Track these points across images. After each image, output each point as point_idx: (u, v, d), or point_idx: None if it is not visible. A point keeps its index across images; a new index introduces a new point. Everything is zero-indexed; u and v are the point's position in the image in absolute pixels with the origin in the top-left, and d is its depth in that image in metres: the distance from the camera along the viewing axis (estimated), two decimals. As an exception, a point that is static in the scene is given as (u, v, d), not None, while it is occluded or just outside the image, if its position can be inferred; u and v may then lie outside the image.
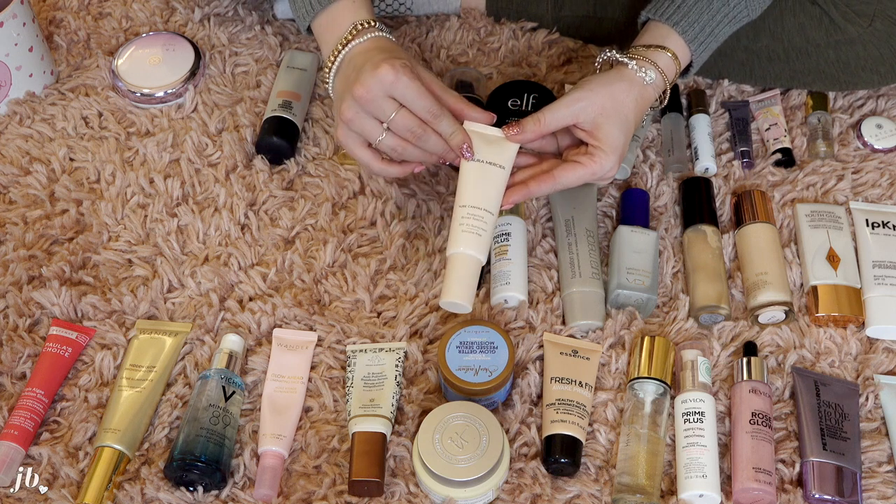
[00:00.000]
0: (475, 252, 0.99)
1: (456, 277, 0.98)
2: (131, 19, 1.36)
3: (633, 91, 1.04)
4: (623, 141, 1.04)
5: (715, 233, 1.13)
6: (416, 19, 1.36)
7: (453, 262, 0.99)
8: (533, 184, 1.04)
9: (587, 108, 1.02)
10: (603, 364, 1.05)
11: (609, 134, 1.03)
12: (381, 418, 1.00)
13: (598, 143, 1.03)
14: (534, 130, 1.03)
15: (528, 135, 1.03)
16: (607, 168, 1.03)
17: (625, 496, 0.96)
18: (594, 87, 1.03)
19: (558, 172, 1.03)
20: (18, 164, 1.21)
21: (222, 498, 0.98)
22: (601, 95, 1.03)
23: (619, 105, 1.03)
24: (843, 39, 1.19)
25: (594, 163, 1.03)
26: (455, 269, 0.98)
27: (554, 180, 1.03)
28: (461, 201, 1.01)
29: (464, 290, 0.98)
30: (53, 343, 1.05)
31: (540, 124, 1.03)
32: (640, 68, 1.05)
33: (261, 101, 1.27)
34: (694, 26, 1.06)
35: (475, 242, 0.99)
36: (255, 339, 1.08)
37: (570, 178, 1.04)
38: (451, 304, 0.98)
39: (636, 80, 1.05)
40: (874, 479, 0.99)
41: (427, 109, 0.99)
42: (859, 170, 1.21)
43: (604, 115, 1.02)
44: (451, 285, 0.98)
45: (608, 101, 1.03)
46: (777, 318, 1.08)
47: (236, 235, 1.15)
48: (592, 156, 1.03)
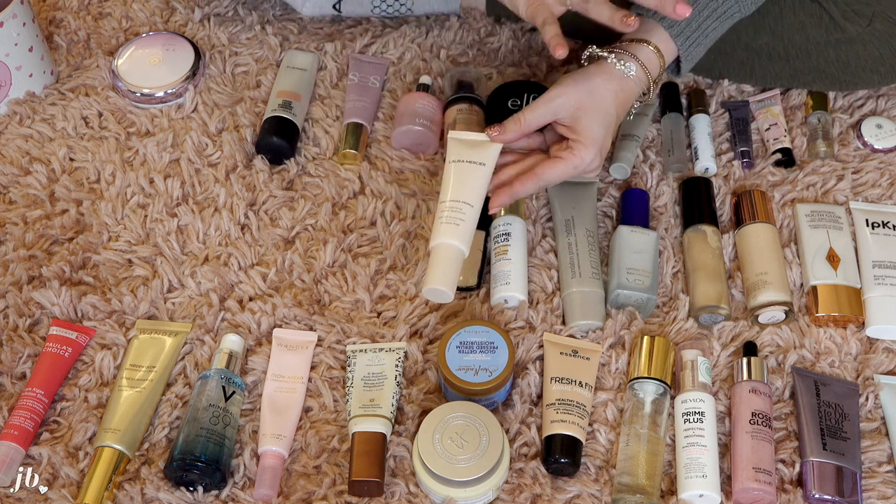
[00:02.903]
0: (454, 241, 1.00)
1: (436, 266, 1.00)
2: (131, 19, 1.36)
3: (612, 84, 1.06)
4: (603, 133, 1.05)
5: (715, 233, 1.13)
6: (416, 19, 1.36)
7: (434, 252, 1.01)
8: (517, 184, 1.06)
9: (565, 104, 1.04)
10: (603, 364, 1.05)
11: (587, 127, 1.04)
12: (381, 418, 1.00)
13: (578, 136, 1.05)
14: (515, 130, 1.05)
15: (509, 135, 1.05)
16: (588, 160, 1.05)
17: (625, 496, 0.96)
18: (571, 82, 1.06)
19: (540, 170, 1.05)
20: (18, 164, 1.21)
21: (222, 498, 0.98)
22: (578, 90, 1.05)
23: (597, 98, 1.05)
24: (843, 38, 1.19)
25: (574, 156, 1.05)
26: (435, 259, 1.00)
27: (537, 178, 1.05)
28: (442, 198, 1.03)
29: (444, 277, 0.99)
30: (53, 343, 1.05)
31: (520, 124, 1.05)
32: (620, 61, 1.06)
33: (261, 101, 1.27)
34: (680, 22, 1.07)
35: (454, 232, 1.01)
36: (255, 339, 1.08)
37: (553, 174, 1.05)
38: (432, 292, 0.99)
39: (615, 73, 1.06)
40: (874, 479, 0.99)
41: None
42: (859, 170, 1.21)
43: (581, 110, 1.04)
44: (431, 273, 0.99)
45: (585, 96, 1.04)
46: (777, 318, 1.08)
47: (236, 235, 1.15)
48: (572, 150, 1.05)
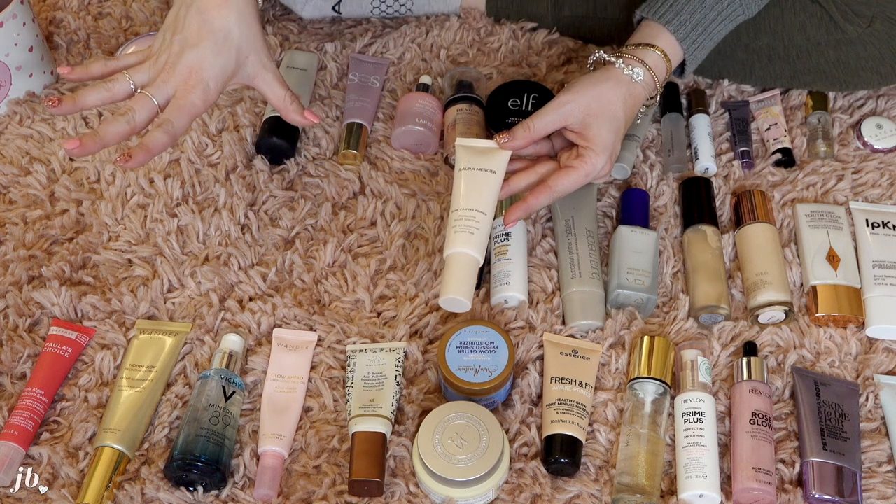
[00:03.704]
0: (469, 250, 1.00)
1: (453, 275, 0.99)
2: (131, 19, 1.36)
3: (621, 89, 1.05)
4: (613, 139, 1.05)
5: (715, 233, 1.13)
6: (416, 19, 1.36)
7: (449, 262, 1.00)
8: (531, 198, 1.05)
9: (574, 110, 1.04)
10: (603, 364, 1.05)
11: (597, 134, 1.04)
12: (381, 418, 1.00)
13: (588, 143, 1.04)
14: (524, 137, 1.05)
15: (518, 142, 1.05)
16: (599, 167, 1.05)
17: (625, 496, 0.96)
18: (580, 88, 1.05)
19: (553, 181, 1.05)
20: (18, 164, 1.21)
21: (222, 498, 0.98)
22: (587, 96, 1.04)
23: (606, 104, 1.04)
24: (843, 39, 1.19)
25: (586, 164, 1.04)
26: (451, 268, 1.00)
27: (550, 190, 1.05)
28: (454, 206, 1.03)
29: (461, 287, 0.99)
30: (53, 343, 1.05)
31: (529, 131, 1.05)
32: (628, 66, 1.06)
33: (261, 101, 1.27)
34: (686, 24, 1.07)
35: (469, 241, 1.00)
36: (255, 339, 1.08)
37: (566, 183, 1.05)
38: (450, 302, 0.99)
39: (623, 78, 1.05)
40: (874, 479, 0.99)
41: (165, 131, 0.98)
42: (859, 170, 1.21)
43: (591, 116, 1.04)
44: (448, 283, 0.99)
45: (594, 102, 1.04)
46: (777, 318, 1.08)
47: (236, 235, 1.15)
48: (583, 157, 1.05)
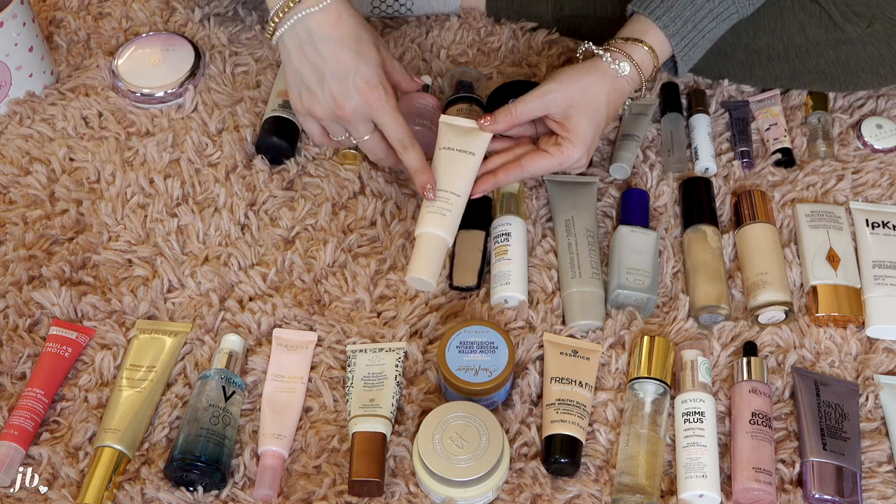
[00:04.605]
0: (438, 230, 1.03)
1: (421, 255, 1.02)
2: (131, 19, 1.36)
3: (606, 83, 1.06)
4: (593, 133, 1.06)
5: (715, 233, 1.13)
6: (416, 19, 1.36)
7: (419, 241, 1.03)
8: (501, 173, 1.07)
9: (557, 100, 1.05)
10: (603, 364, 1.05)
11: (578, 126, 1.05)
12: (381, 418, 1.00)
13: (568, 134, 1.06)
14: (505, 121, 1.06)
15: (500, 125, 1.07)
16: (574, 159, 1.06)
17: (625, 496, 0.96)
18: (565, 78, 1.06)
19: (525, 161, 1.07)
20: (18, 164, 1.21)
21: (222, 498, 0.98)
22: (572, 88, 1.05)
23: (589, 97, 1.05)
24: (843, 39, 1.19)
25: (562, 153, 1.06)
26: (420, 248, 1.03)
27: (521, 169, 1.07)
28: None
29: (428, 267, 1.02)
30: (53, 343, 1.05)
31: (511, 115, 1.06)
32: (614, 60, 1.06)
33: (261, 101, 1.27)
34: (676, 21, 1.07)
35: (440, 222, 1.03)
36: (255, 339, 1.08)
37: (538, 167, 1.07)
38: (415, 280, 1.02)
39: (609, 72, 1.06)
40: (874, 479, 0.99)
41: (399, 140, 1.03)
42: (859, 170, 1.21)
43: (574, 108, 1.05)
44: (415, 262, 1.02)
45: (578, 94, 1.05)
46: (777, 318, 1.08)
47: (236, 235, 1.15)
48: (560, 146, 1.06)
